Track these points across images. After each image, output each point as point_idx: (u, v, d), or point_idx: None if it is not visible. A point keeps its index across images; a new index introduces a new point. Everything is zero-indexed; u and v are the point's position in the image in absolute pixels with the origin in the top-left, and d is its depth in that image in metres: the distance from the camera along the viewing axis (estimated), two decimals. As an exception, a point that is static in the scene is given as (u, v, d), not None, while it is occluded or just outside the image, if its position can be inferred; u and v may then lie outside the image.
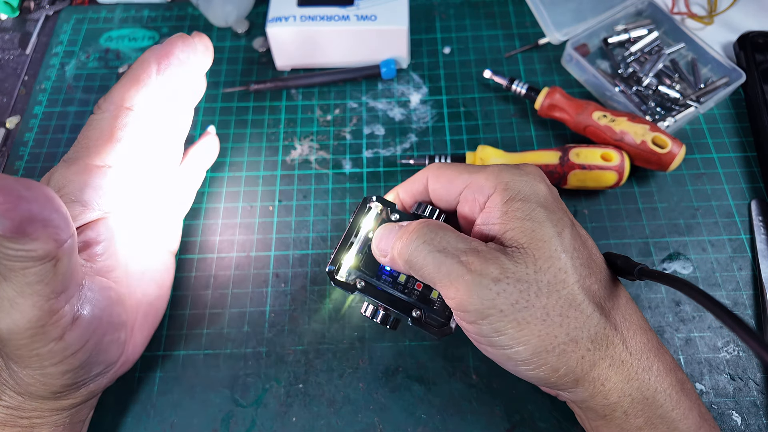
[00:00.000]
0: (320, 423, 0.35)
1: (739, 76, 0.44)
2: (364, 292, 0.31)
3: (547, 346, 0.25)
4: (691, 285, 0.25)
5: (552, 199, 0.28)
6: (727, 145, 0.44)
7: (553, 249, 0.26)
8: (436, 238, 0.27)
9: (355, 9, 0.45)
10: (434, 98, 0.48)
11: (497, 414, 0.35)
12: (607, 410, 0.26)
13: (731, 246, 0.40)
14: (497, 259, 0.26)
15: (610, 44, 0.48)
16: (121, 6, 0.54)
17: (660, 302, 0.38)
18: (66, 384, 0.28)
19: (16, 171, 0.45)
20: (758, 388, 0.35)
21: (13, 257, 0.24)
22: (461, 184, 0.30)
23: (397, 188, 0.35)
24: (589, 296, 0.26)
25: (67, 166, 0.29)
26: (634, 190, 0.42)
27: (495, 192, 0.28)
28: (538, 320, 0.25)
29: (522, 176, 0.28)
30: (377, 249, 0.30)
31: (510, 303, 0.25)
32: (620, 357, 0.26)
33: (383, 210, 0.32)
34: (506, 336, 0.25)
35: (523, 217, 0.27)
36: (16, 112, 0.49)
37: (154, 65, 0.31)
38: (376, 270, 0.31)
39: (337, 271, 0.31)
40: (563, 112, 0.43)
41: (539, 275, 0.26)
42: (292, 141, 0.46)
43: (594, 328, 0.26)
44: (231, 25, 0.52)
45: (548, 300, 0.25)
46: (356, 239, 0.32)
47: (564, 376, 0.26)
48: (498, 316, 0.25)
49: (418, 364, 0.37)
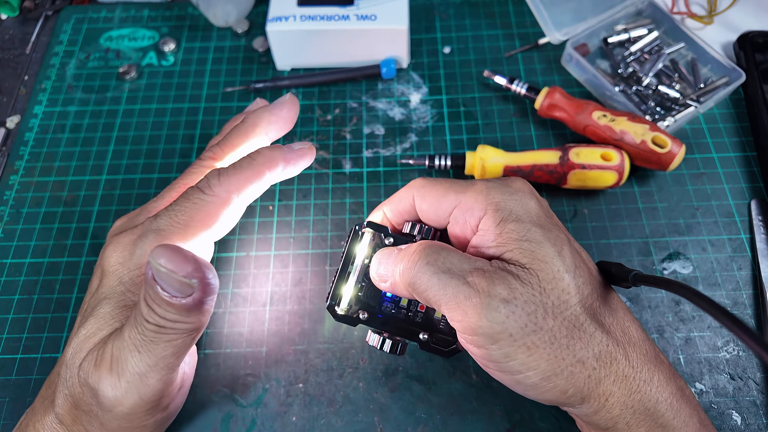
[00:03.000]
0: (320, 423, 0.35)
1: (739, 75, 0.44)
2: (368, 323, 0.30)
3: (555, 370, 0.25)
4: (686, 287, 0.25)
5: (545, 216, 0.28)
6: (727, 144, 0.44)
7: (556, 270, 0.26)
8: (440, 259, 0.26)
9: (355, 9, 0.45)
10: (434, 98, 0.48)
11: (497, 414, 0.35)
12: (610, 423, 0.26)
13: (731, 246, 0.40)
14: (504, 279, 0.25)
15: (610, 44, 0.48)
16: (121, 6, 0.54)
17: (660, 302, 0.38)
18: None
19: (16, 171, 0.45)
20: (758, 387, 0.35)
21: (170, 329, 0.24)
22: (449, 205, 0.29)
23: (381, 207, 0.33)
24: (591, 315, 0.26)
25: (160, 239, 0.29)
26: (634, 189, 0.42)
27: (486, 214, 0.27)
28: (546, 344, 0.25)
29: (512, 194, 0.28)
30: (376, 275, 0.29)
31: (520, 326, 0.24)
32: (623, 372, 0.26)
33: (375, 235, 0.31)
34: (516, 361, 0.25)
35: (520, 239, 0.26)
36: (16, 112, 0.49)
37: (281, 165, 0.31)
38: (378, 298, 0.30)
39: (338, 304, 0.30)
40: (563, 111, 0.43)
41: (544, 297, 0.25)
42: (292, 141, 0.46)
43: (598, 347, 0.26)
44: (231, 25, 0.52)
45: (554, 322, 0.25)
46: (353, 268, 0.31)
47: (572, 396, 0.26)
48: (508, 341, 0.24)
49: (418, 363, 0.37)
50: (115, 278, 0.29)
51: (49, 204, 0.44)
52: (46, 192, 0.44)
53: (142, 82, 0.50)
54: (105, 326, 0.28)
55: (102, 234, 0.42)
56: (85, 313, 0.29)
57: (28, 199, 0.44)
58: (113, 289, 0.29)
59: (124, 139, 0.47)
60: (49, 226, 0.43)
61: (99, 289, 0.29)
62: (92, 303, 0.29)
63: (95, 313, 0.28)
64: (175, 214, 0.29)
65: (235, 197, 0.30)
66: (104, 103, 0.49)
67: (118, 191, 0.44)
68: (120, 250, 0.29)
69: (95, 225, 0.43)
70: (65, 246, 0.42)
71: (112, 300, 0.28)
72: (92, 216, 0.43)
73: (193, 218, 0.29)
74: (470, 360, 0.36)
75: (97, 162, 0.45)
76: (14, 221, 0.43)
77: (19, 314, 0.39)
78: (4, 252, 0.42)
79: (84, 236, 0.42)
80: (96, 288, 0.30)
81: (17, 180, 0.45)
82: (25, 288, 0.40)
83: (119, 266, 0.29)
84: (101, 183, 0.44)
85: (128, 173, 0.45)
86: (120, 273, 0.29)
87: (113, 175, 0.45)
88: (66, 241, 0.42)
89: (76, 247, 0.42)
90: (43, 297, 0.40)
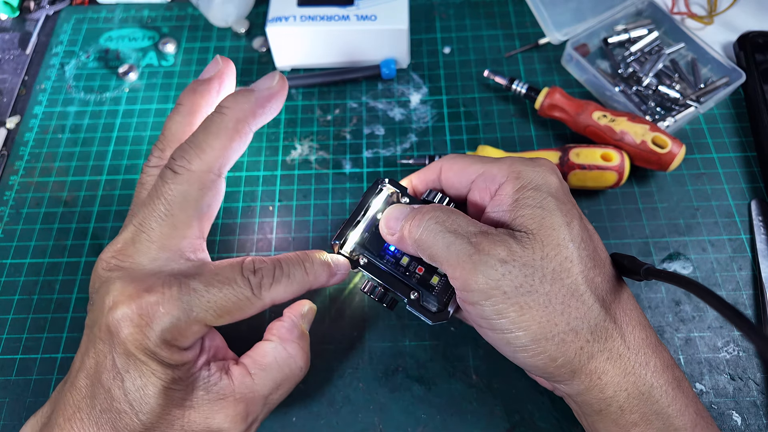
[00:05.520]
0: (320, 423, 0.35)
1: (739, 76, 0.44)
2: (366, 269, 0.32)
3: (546, 334, 0.25)
4: (697, 284, 0.25)
5: (563, 191, 0.29)
6: (727, 145, 0.44)
7: (561, 237, 0.26)
8: (448, 220, 0.27)
9: (355, 9, 0.45)
10: (434, 98, 0.48)
11: (497, 414, 0.35)
12: (603, 404, 0.26)
13: (731, 246, 0.40)
14: (505, 242, 0.26)
15: (610, 44, 0.48)
16: (121, 6, 0.54)
17: (660, 302, 0.38)
18: None
19: (16, 171, 0.45)
20: (758, 388, 0.35)
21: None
22: (474, 172, 0.30)
23: (411, 176, 0.35)
24: (592, 288, 0.26)
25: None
26: (634, 190, 0.42)
27: (507, 180, 0.29)
28: (540, 306, 0.25)
29: (535, 167, 0.29)
30: (386, 227, 0.30)
31: (514, 286, 0.25)
32: (618, 351, 0.26)
33: (394, 193, 0.33)
34: (507, 319, 0.25)
35: (534, 205, 0.27)
36: (16, 112, 0.49)
37: (252, 123, 0.30)
38: (380, 250, 0.32)
39: (342, 245, 0.32)
40: (563, 112, 0.43)
41: (545, 262, 0.26)
42: (292, 141, 0.46)
43: (594, 320, 0.26)
44: (231, 25, 0.52)
45: (552, 287, 0.26)
46: (363, 218, 0.33)
47: (561, 367, 0.26)
48: (501, 298, 0.25)
49: (418, 364, 0.37)
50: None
51: (49, 204, 0.44)
52: (46, 192, 0.44)
53: (142, 82, 0.50)
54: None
55: (102, 234, 0.42)
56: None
57: (28, 200, 0.44)
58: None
59: (124, 139, 0.47)
60: (49, 227, 0.43)
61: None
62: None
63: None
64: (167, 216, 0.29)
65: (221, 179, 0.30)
66: (104, 103, 0.49)
67: (118, 191, 0.44)
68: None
69: (95, 225, 0.43)
70: (65, 246, 0.42)
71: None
72: (92, 216, 0.43)
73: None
74: (470, 360, 0.36)
75: (97, 162, 0.45)
76: (14, 221, 0.43)
77: (19, 314, 0.39)
78: (4, 252, 0.42)
79: (84, 236, 0.42)
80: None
81: (17, 180, 0.45)
82: (25, 288, 0.40)
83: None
84: (101, 183, 0.44)
85: (128, 173, 0.45)
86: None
87: (113, 175, 0.45)
88: (66, 242, 0.42)
89: (76, 247, 0.42)
90: (43, 297, 0.40)
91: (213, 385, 0.27)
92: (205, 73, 0.32)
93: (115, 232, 0.42)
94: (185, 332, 0.26)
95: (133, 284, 0.26)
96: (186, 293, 0.26)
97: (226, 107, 0.29)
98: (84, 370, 0.26)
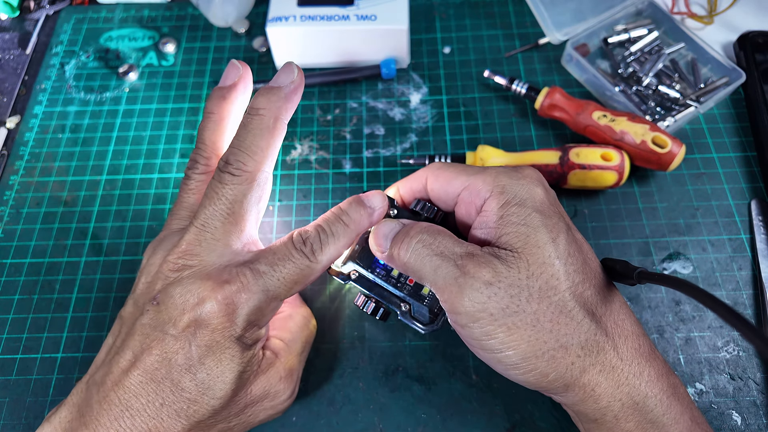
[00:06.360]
0: (320, 423, 0.35)
1: (739, 75, 0.44)
2: (358, 282, 0.32)
3: (536, 352, 0.25)
4: (692, 285, 0.25)
5: (548, 203, 0.28)
6: (727, 144, 0.44)
7: (547, 255, 0.26)
8: (435, 243, 0.28)
9: (355, 9, 0.45)
10: (434, 98, 0.48)
11: (497, 414, 0.35)
12: (598, 414, 0.26)
13: (731, 246, 0.40)
14: (490, 263, 0.26)
15: (610, 44, 0.48)
16: (121, 6, 0.54)
17: (660, 302, 0.38)
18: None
19: (16, 171, 0.45)
20: (758, 387, 0.35)
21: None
22: (459, 185, 0.30)
23: (397, 184, 0.35)
24: (581, 303, 0.26)
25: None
26: (634, 189, 0.42)
27: (491, 196, 0.28)
28: (527, 326, 0.25)
29: (519, 180, 0.29)
30: (375, 245, 0.30)
31: (500, 307, 0.25)
32: (611, 363, 0.26)
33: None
34: (496, 340, 0.26)
35: (518, 222, 0.27)
36: (16, 112, 0.49)
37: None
38: (371, 262, 0.32)
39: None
40: (563, 112, 0.43)
41: (531, 281, 0.26)
42: (292, 141, 0.46)
43: (584, 335, 0.26)
44: (231, 25, 0.52)
45: (539, 306, 0.26)
46: None
47: (554, 381, 0.26)
48: (488, 320, 0.25)
49: (418, 364, 0.37)
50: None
51: (49, 204, 0.44)
52: (46, 192, 0.44)
53: (142, 81, 0.50)
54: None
55: (102, 234, 0.42)
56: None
57: (28, 199, 0.44)
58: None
59: (124, 139, 0.47)
60: (49, 227, 0.43)
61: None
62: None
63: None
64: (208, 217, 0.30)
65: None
66: (104, 103, 0.49)
67: (118, 191, 0.44)
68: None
69: (95, 225, 0.43)
70: (65, 246, 0.42)
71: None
72: (92, 216, 0.43)
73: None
74: (470, 360, 0.36)
75: (97, 162, 0.45)
76: (14, 221, 0.43)
77: (19, 314, 0.39)
78: (4, 252, 0.42)
79: (84, 236, 0.42)
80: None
81: (17, 180, 0.45)
82: (25, 288, 0.40)
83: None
84: (101, 183, 0.44)
85: (128, 173, 0.45)
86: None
87: (113, 175, 0.45)
88: (66, 241, 0.42)
89: (76, 247, 0.42)
90: (43, 297, 0.40)
91: (263, 358, 0.30)
92: (226, 78, 0.33)
93: (115, 232, 0.42)
94: (265, 310, 0.28)
95: (210, 280, 0.27)
96: (259, 277, 0.28)
97: (262, 108, 0.30)
98: (137, 368, 0.27)
